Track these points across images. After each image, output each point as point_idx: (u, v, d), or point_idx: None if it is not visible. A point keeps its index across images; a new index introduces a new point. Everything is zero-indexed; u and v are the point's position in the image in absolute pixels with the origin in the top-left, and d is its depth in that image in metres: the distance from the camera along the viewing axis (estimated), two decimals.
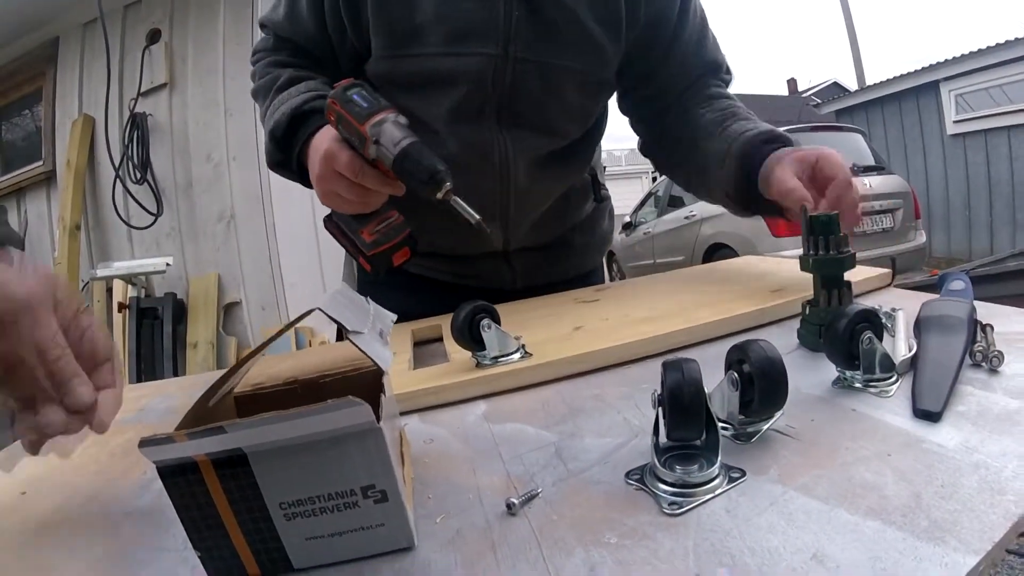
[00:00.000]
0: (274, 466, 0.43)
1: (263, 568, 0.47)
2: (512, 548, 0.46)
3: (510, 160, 1.22)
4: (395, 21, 1.12)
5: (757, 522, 0.46)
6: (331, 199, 1.06)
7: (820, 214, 0.79)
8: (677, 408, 0.51)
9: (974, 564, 0.39)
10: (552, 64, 1.15)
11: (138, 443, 0.41)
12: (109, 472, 0.72)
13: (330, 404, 0.41)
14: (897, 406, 0.62)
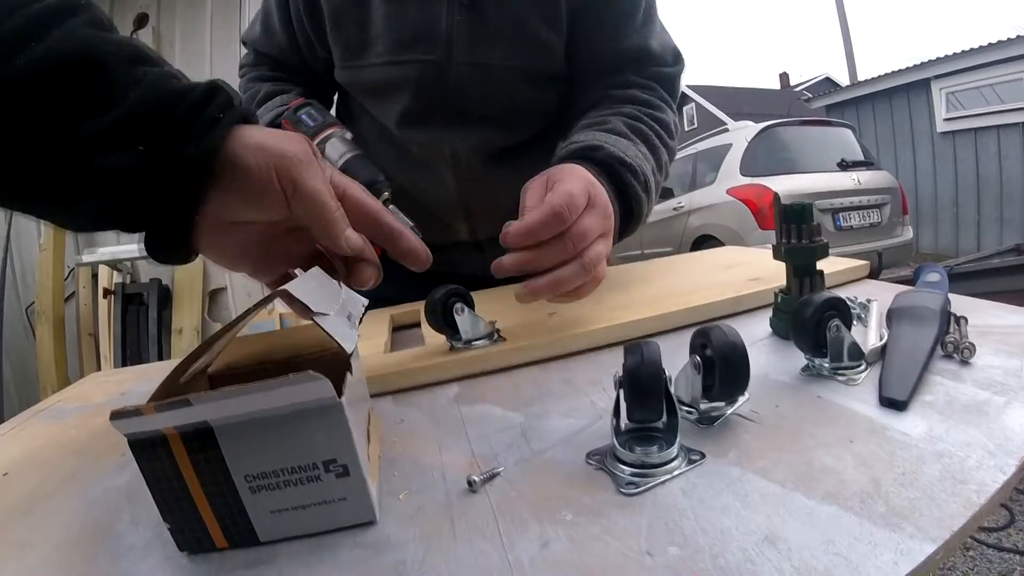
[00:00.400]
0: (240, 440, 0.44)
1: (230, 540, 0.48)
2: (470, 524, 0.47)
3: (462, 158, 1.25)
4: (349, 34, 1.18)
5: (712, 503, 0.46)
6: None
7: (794, 203, 0.79)
8: (636, 389, 0.52)
9: (931, 552, 0.39)
10: (494, 65, 1.17)
11: (109, 416, 0.42)
12: (89, 452, 0.72)
13: (291, 378, 0.42)
14: (864, 394, 0.62)
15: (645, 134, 1.08)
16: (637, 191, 0.98)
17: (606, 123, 1.06)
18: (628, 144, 1.01)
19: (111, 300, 4.43)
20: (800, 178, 6.66)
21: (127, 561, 0.48)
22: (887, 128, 11.02)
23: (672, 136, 1.16)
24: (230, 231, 0.63)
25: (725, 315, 0.92)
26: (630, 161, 0.97)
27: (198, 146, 0.56)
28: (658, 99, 1.18)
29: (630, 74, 1.20)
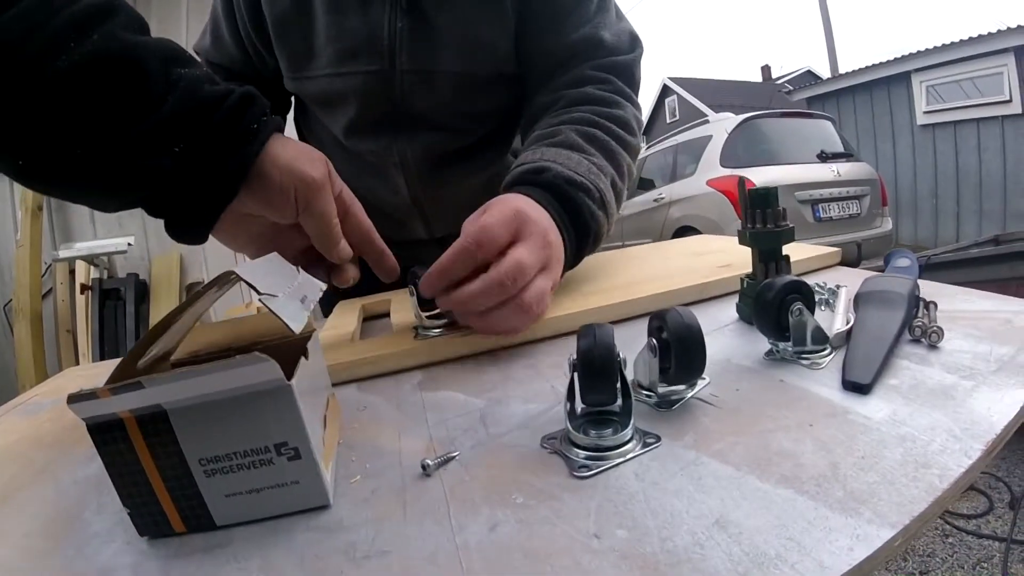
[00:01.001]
0: (193, 423, 0.44)
1: (188, 524, 0.48)
2: (421, 507, 0.47)
3: (411, 164, 1.25)
4: (293, 44, 1.17)
5: (664, 486, 0.46)
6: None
7: (759, 187, 0.79)
8: (589, 372, 0.52)
9: (889, 537, 0.38)
10: (440, 71, 1.15)
11: (67, 399, 0.43)
12: (63, 444, 0.72)
13: (238, 360, 0.42)
14: (827, 378, 0.62)
15: (601, 141, 1.03)
16: (591, 209, 0.93)
17: (556, 135, 1.02)
18: (579, 159, 0.97)
19: (88, 296, 4.42)
20: (780, 169, 6.69)
21: (91, 547, 0.48)
22: (868, 120, 11.08)
23: (633, 132, 1.11)
24: (244, 222, 0.75)
25: (692, 301, 0.92)
26: (580, 179, 0.93)
27: (237, 157, 0.66)
28: (615, 93, 1.13)
29: (584, 67, 1.14)
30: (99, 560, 0.47)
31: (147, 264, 4.59)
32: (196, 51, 1.38)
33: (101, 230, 4.67)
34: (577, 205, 0.91)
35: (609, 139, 1.04)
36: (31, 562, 0.48)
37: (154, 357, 0.56)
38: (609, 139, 1.04)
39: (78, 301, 4.48)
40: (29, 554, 0.49)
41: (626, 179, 1.06)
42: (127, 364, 0.52)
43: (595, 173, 0.96)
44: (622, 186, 1.05)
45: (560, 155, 0.96)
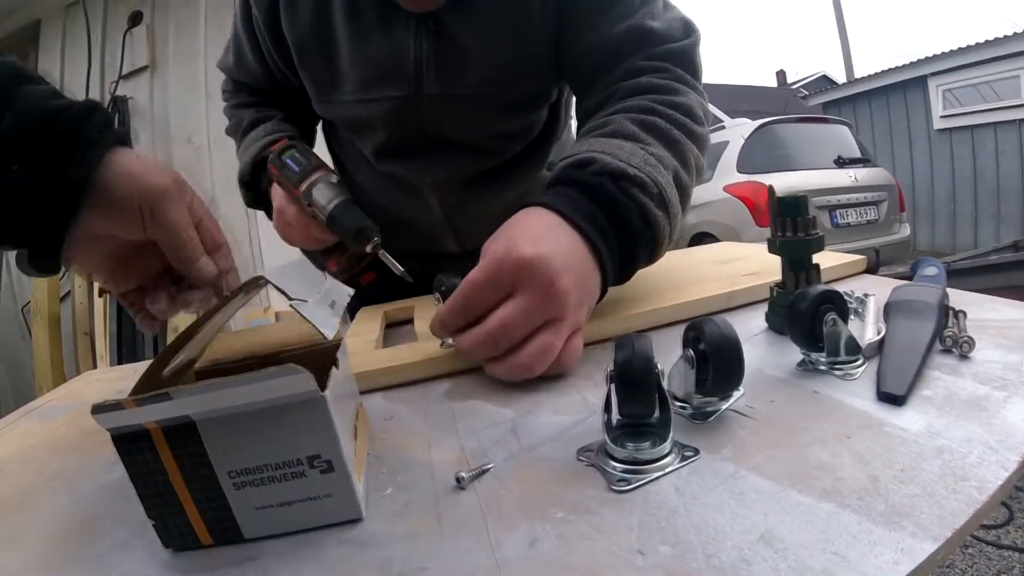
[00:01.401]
0: (222, 434, 0.44)
1: (215, 537, 0.47)
2: (457, 521, 0.46)
3: (443, 186, 1.22)
4: (316, 71, 1.15)
5: (705, 500, 0.45)
6: (292, 243, 1.21)
7: (788, 196, 0.78)
8: (627, 383, 0.51)
9: (932, 551, 0.38)
10: (467, 94, 1.11)
11: (91, 409, 0.41)
12: (80, 449, 0.72)
13: (271, 371, 0.41)
14: (861, 389, 0.61)
15: (662, 130, 0.89)
16: (644, 212, 0.81)
17: (608, 124, 0.90)
18: (634, 148, 0.84)
19: (106, 299, 4.42)
20: (797, 175, 6.65)
21: (112, 557, 0.48)
22: (884, 125, 11.03)
23: (700, 120, 0.96)
24: (96, 244, 0.69)
25: (720, 310, 0.91)
26: (634, 172, 0.80)
27: (77, 168, 0.61)
28: (674, 80, 0.98)
29: (634, 59, 1.00)
30: (120, 572, 0.46)
31: None
32: (219, 68, 1.38)
33: None
34: (624, 211, 0.79)
35: (671, 127, 0.90)
36: (49, 572, 0.48)
37: (179, 365, 0.56)
38: (671, 127, 0.90)
39: (96, 304, 4.49)
40: (47, 563, 0.49)
41: (693, 173, 0.92)
42: (152, 372, 0.51)
43: (653, 165, 0.83)
44: (688, 181, 0.90)
45: (610, 145, 0.85)
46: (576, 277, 0.73)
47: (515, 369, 0.70)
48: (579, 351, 0.74)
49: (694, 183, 0.94)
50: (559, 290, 0.70)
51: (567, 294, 0.71)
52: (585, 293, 0.76)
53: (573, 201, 0.79)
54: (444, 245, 1.36)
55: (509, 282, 0.70)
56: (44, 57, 4.80)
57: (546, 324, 0.71)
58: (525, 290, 0.70)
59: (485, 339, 0.70)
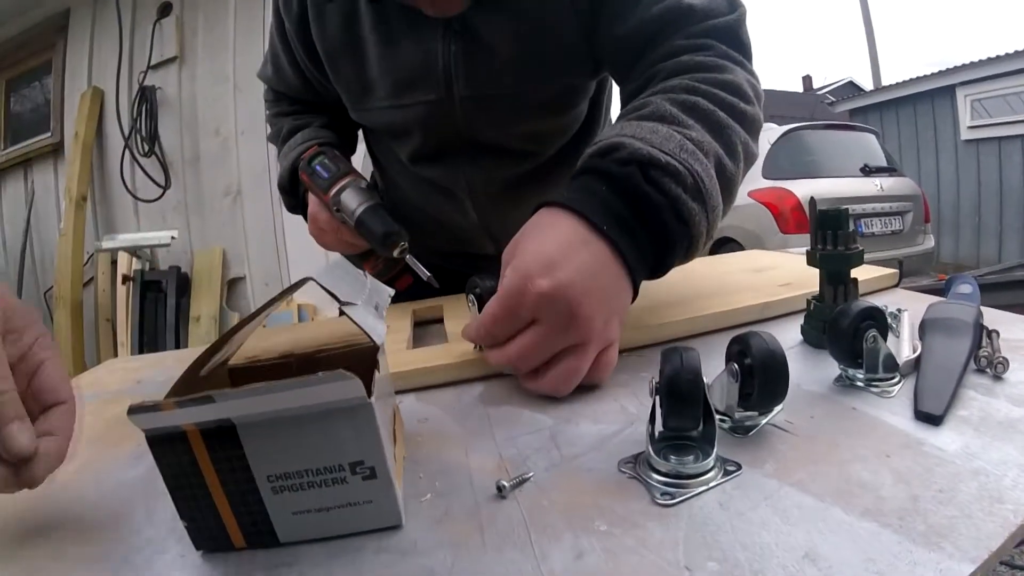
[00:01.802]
0: (263, 438, 0.43)
1: (249, 540, 0.46)
2: (500, 531, 0.45)
3: (479, 189, 1.22)
4: (349, 79, 1.15)
5: (750, 517, 0.45)
6: (327, 248, 1.25)
7: (829, 208, 0.78)
8: (674, 397, 0.50)
9: (970, 572, 0.38)
10: (499, 95, 1.09)
11: (127, 410, 0.41)
12: (104, 441, 0.72)
13: (321, 376, 0.40)
14: (899, 407, 0.60)
15: (703, 111, 0.81)
16: (678, 206, 0.73)
17: (644, 107, 0.82)
18: (669, 132, 0.76)
19: (129, 286, 4.46)
20: (823, 182, 6.60)
21: (140, 557, 0.48)
22: (910, 134, 10.96)
23: (749, 99, 0.87)
24: None
25: (755, 320, 0.90)
26: (667, 159, 0.73)
27: None
28: (719, 56, 0.90)
29: (675, 39, 0.93)
30: (150, 572, 0.46)
31: (189, 258, 4.63)
32: (260, 79, 1.39)
33: (145, 223, 4.71)
34: (655, 208, 0.73)
35: (715, 108, 0.82)
36: (75, 569, 0.47)
37: (216, 363, 0.56)
38: (715, 108, 0.82)
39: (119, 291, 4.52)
40: (75, 559, 0.49)
41: (740, 160, 0.84)
42: (190, 373, 0.51)
43: (690, 152, 0.75)
44: (734, 169, 0.82)
45: (643, 129, 0.77)
46: (600, 298, 0.69)
47: (541, 389, 0.70)
48: (612, 364, 0.72)
49: (742, 171, 0.85)
50: (581, 317, 0.67)
51: (590, 320, 0.67)
52: (613, 310, 0.72)
53: (599, 200, 0.73)
54: (480, 247, 1.37)
55: (528, 313, 0.68)
56: (73, 46, 4.85)
57: (573, 348, 0.68)
58: (545, 320, 0.67)
59: (507, 362, 0.70)
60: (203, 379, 0.53)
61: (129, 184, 4.58)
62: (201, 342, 4.24)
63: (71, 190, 4.59)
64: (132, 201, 4.65)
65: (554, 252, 0.69)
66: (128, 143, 4.53)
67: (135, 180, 4.60)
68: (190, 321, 4.46)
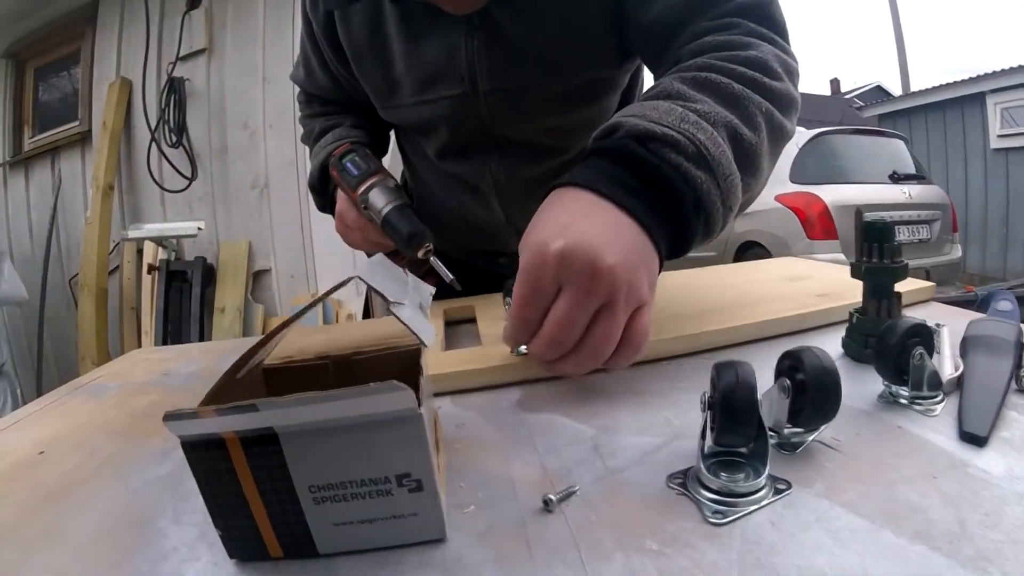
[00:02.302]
0: (306, 447, 0.42)
1: (286, 550, 0.46)
2: (548, 548, 0.45)
3: (505, 186, 1.22)
4: (375, 78, 1.16)
5: (802, 538, 0.44)
6: (354, 246, 1.25)
7: (876, 220, 0.77)
8: (729, 412, 0.50)
9: None
10: (523, 87, 1.08)
11: (163, 417, 0.40)
12: (130, 435, 0.71)
13: (372, 387, 0.39)
14: (942, 426, 0.59)
15: (716, 85, 0.79)
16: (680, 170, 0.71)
17: (656, 87, 0.82)
18: (670, 107, 0.75)
19: (155, 276, 4.49)
20: (850, 188, 6.56)
21: (169, 564, 0.47)
22: (939, 141, 10.87)
23: (775, 75, 0.84)
24: None
25: (793, 332, 0.89)
26: (663, 130, 0.71)
27: None
28: (744, 34, 0.88)
29: (702, 21, 0.92)
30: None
31: (215, 249, 4.65)
32: (292, 80, 1.41)
33: (171, 213, 4.74)
34: (653, 169, 0.71)
35: (729, 80, 0.79)
36: (99, 573, 0.47)
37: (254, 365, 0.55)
38: (729, 80, 0.79)
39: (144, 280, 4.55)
40: (96, 564, 0.48)
41: (762, 130, 0.79)
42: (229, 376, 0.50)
43: (692, 122, 0.73)
44: (754, 138, 0.78)
45: (643, 107, 0.76)
46: (620, 250, 0.66)
47: (579, 365, 0.67)
48: (647, 331, 0.69)
49: (767, 143, 0.81)
50: (603, 270, 0.64)
51: (612, 271, 0.64)
52: (637, 261, 0.68)
53: (601, 172, 0.72)
54: (506, 244, 1.36)
55: (551, 283, 0.66)
56: (101, 36, 4.90)
57: (603, 309, 0.66)
58: (569, 283, 0.65)
59: (548, 343, 0.67)
60: (239, 381, 0.52)
61: (156, 174, 4.61)
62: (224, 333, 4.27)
63: (98, 179, 4.63)
64: (159, 191, 4.68)
65: (563, 218, 0.69)
66: (155, 134, 4.55)
67: (162, 170, 4.63)
68: (215, 312, 4.48)
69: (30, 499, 0.58)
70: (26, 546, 0.51)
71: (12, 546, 0.51)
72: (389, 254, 1.16)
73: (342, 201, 1.19)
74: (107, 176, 4.62)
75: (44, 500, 0.58)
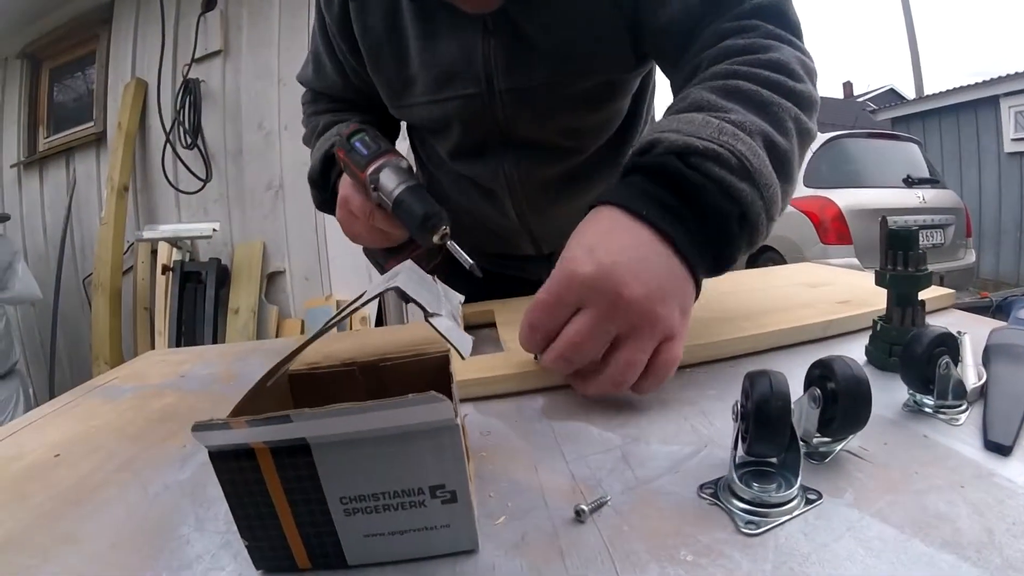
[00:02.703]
0: (338, 458, 0.42)
1: (315, 562, 0.45)
2: (582, 558, 0.44)
3: (518, 187, 1.21)
4: (389, 75, 1.15)
5: (835, 548, 0.44)
6: (355, 239, 1.14)
7: (900, 228, 0.76)
8: (763, 423, 0.49)
9: None
10: (538, 87, 1.08)
11: (192, 427, 0.40)
12: (147, 438, 0.71)
13: (410, 399, 0.39)
14: (967, 435, 0.59)
15: (746, 92, 0.79)
16: (723, 185, 0.71)
17: (685, 98, 0.81)
18: (705, 119, 0.74)
19: (169, 277, 4.50)
20: (865, 193, 6.54)
21: (192, 573, 0.47)
22: (953, 145, 10.82)
23: (799, 77, 0.84)
24: None
25: (817, 339, 0.89)
26: (704, 144, 0.71)
27: None
28: (764, 36, 0.88)
29: (719, 23, 0.91)
30: None
31: (230, 250, 4.66)
32: (299, 81, 1.40)
33: (185, 214, 4.76)
34: (698, 188, 0.71)
35: (758, 88, 0.79)
36: None
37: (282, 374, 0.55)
38: (758, 88, 0.79)
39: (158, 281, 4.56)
40: (116, 571, 0.48)
41: (793, 136, 0.79)
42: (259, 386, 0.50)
43: (730, 133, 0.73)
44: (787, 145, 0.78)
45: (679, 121, 0.76)
46: (649, 280, 0.67)
47: (599, 388, 0.69)
48: (675, 362, 0.69)
49: (797, 147, 0.81)
50: (627, 300, 0.65)
51: (637, 303, 0.65)
52: (668, 295, 0.68)
53: (640, 191, 0.72)
54: (520, 247, 1.36)
55: (573, 299, 0.67)
56: (116, 38, 4.92)
57: (626, 337, 0.67)
58: (590, 305, 0.67)
59: (557, 357, 0.68)
60: (268, 390, 0.52)
61: (171, 176, 4.62)
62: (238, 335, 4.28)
63: (113, 179, 4.65)
64: (173, 192, 4.70)
65: (594, 239, 0.70)
66: (169, 135, 4.56)
67: (177, 172, 4.64)
68: (228, 313, 4.48)
69: (45, 503, 0.58)
70: (43, 551, 0.51)
71: (28, 551, 0.51)
72: (393, 250, 1.14)
73: (346, 186, 1.10)
74: (122, 177, 4.64)
75: (60, 504, 0.58)
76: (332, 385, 0.62)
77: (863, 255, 5.96)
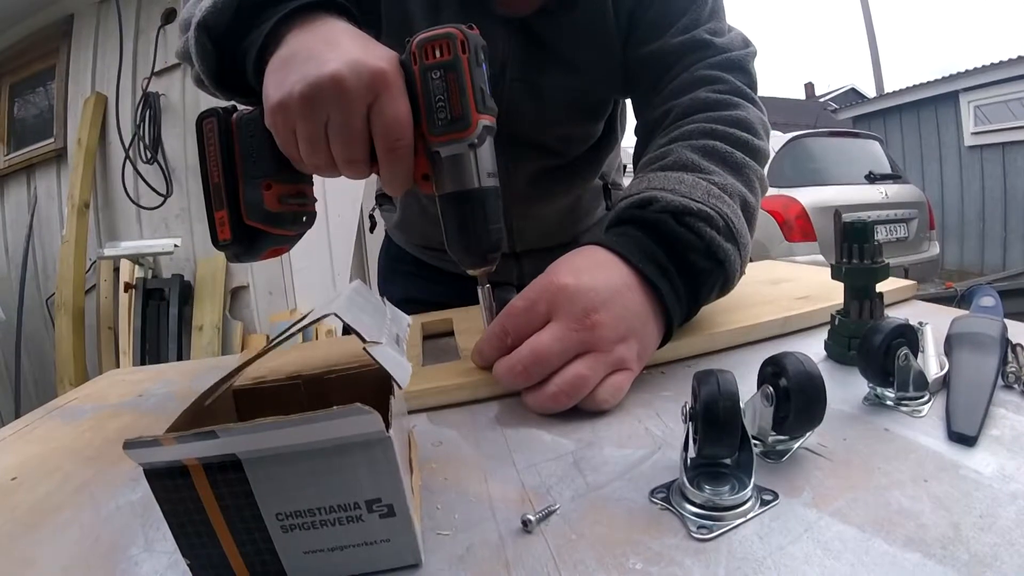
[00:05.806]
0: (271, 474, 0.40)
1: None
2: (528, 569, 0.43)
3: (509, 181, 1.19)
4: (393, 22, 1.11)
5: (791, 551, 0.42)
6: (299, 140, 0.73)
7: (855, 220, 0.76)
8: (712, 423, 0.48)
9: None
10: (546, 85, 1.12)
11: (123, 444, 0.38)
12: (103, 460, 0.70)
13: (335, 411, 0.38)
14: (930, 427, 0.59)
15: (722, 154, 0.87)
16: (711, 246, 0.78)
17: (667, 156, 0.88)
18: (695, 180, 0.81)
19: (132, 295, 4.45)
20: (827, 190, 6.62)
21: None
22: (914, 141, 10.97)
23: (759, 135, 0.93)
24: None
25: (775, 336, 0.89)
26: (698, 206, 0.78)
27: None
28: (731, 93, 0.97)
29: (693, 69, 0.99)
30: None
31: (192, 266, 4.61)
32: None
33: (147, 230, 4.70)
34: (688, 248, 0.76)
35: (732, 149, 0.88)
36: None
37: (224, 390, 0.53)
38: (732, 149, 0.88)
39: (121, 299, 4.51)
40: None
41: (759, 194, 0.91)
42: (197, 404, 0.48)
43: (717, 196, 0.81)
44: (755, 204, 0.89)
45: (670, 180, 0.82)
46: (619, 314, 0.71)
47: (545, 400, 0.68)
48: (622, 390, 0.70)
49: (759, 203, 0.91)
50: (595, 322, 0.69)
51: (604, 327, 0.69)
52: (632, 332, 0.72)
53: (633, 241, 0.78)
54: None
55: (545, 311, 0.70)
56: (76, 52, 4.86)
57: (583, 356, 0.69)
58: (560, 318, 0.69)
59: (515, 366, 0.69)
60: (208, 408, 0.50)
61: (131, 191, 4.57)
62: (203, 351, 4.24)
63: (73, 196, 4.59)
64: (135, 208, 4.65)
65: (583, 265, 0.74)
66: (128, 150, 4.52)
67: (137, 187, 4.59)
68: (192, 330, 4.44)
69: (3, 526, 0.57)
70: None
71: None
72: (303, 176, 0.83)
73: (384, 58, 0.71)
74: (83, 194, 4.58)
75: (18, 528, 0.56)
76: (277, 399, 0.60)
77: (827, 251, 6.02)
